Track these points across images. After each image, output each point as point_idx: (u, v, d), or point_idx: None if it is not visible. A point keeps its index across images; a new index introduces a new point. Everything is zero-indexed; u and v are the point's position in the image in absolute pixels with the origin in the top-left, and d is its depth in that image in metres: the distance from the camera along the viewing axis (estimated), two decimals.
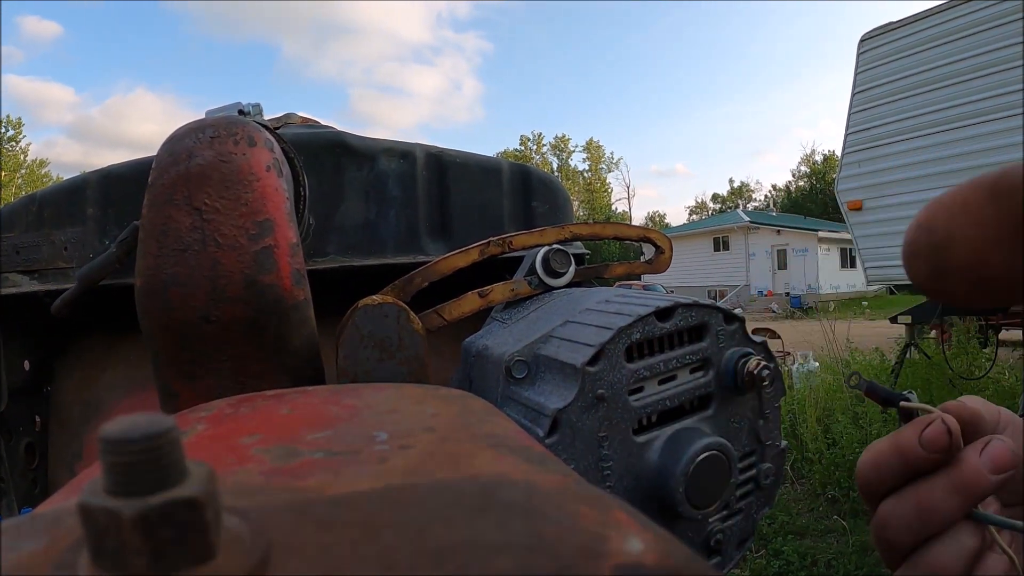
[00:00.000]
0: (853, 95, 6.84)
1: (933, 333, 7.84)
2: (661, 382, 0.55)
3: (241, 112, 0.81)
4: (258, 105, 0.86)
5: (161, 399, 0.53)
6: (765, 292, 32.18)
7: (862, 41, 6.74)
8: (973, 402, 0.48)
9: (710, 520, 0.56)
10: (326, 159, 0.91)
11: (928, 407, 0.47)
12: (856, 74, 6.80)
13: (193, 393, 0.51)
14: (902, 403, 0.49)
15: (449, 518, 0.17)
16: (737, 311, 0.59)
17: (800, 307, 25.77)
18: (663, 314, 0.55)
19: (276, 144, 0.55)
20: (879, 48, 6.57)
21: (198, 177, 0.50)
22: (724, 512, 0.57)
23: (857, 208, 6.84)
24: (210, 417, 0.33)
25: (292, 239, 0.52)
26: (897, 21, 6.48)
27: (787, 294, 29.78)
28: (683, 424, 0.55)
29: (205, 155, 0.50)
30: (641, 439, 0.53)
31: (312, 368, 0.54)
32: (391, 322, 0.56)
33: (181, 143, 0.52)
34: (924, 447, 0.45)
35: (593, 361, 0.51)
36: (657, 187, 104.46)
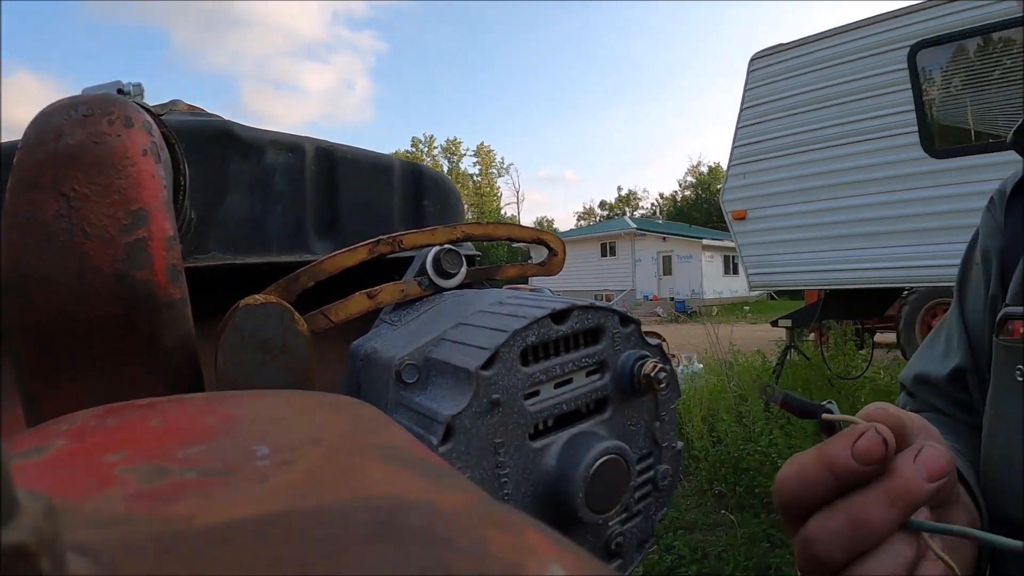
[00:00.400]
0: (741, 110, 7.17)
1: (812, 336, 8.31)
2: (557, 386, 0.54)
3: (120, 91, 0.75)
4: (139, 85, 0.80)
5: (24, 408, 0.48)
6: (650, 297, 33.09)
7: (753, 60, 7.09)
8: (884, 408, 0.47)
9: (610, 524, 0.56)
10: (211, 149, 0.85)
11: (852, 418, 0.46)
12: (745, 90, 7.13)
13: (58, 401, 0.45)
14: (824, 415, 0.47)
15: (340, 551, 0.15)
16: None
17: (684, 311, 26.63)
18: (559, 316, 0.53)
19: (155, 127, 0.51)
20: (769, 67, 6.95)
21: (67, 159, 0.45)
22: (624, 515, 0.57)
23: (741, 217, 7.16)
24: (72, 431, 0.29)
25: (168, 231, 0.47)
26: (787, 43, 6.91)
27: (672, 299, 30.70)
28: (580, 428, 0.54)
29: (76, 135, 0.45)
30: (538, 444, 0.52)
31: (189, 373, 0.49)
32: (274, 323, 0.53)
33: (50, 121, 0.46)
34: (858, 460, 0.43)
35: (487, 365, 0.49)
36: (546, 192, 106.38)
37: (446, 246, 0.71)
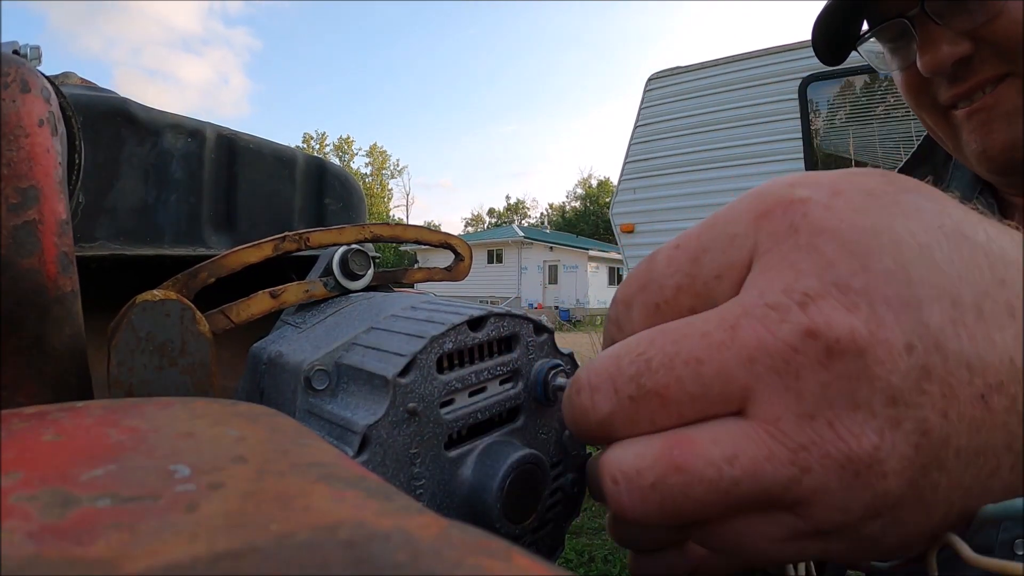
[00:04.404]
0: (635, 127, 7.39)
1: None
2: (471, 394, 0.52)
3: (16, 53, 0.68)
4: (37, 48, 0.72)
5: None
6: (535, 305, 33.52)
7: (650, 80, 7.32)
8: None
9: (524, 533, 0.54)
10: (104, 128, 0.77)
11: None
12: (641, 109, 7.36)
13: None
14: None
15: None
16: None
17: (568, 320, 27.06)
18: (475, 323, 0.52)
19: (54, 96, 0.44)
20: (665, 88, 7.22)
21: None
22: (536, 524, 0.55)
23: (629, 231, 7.36)
24: None
25: (61, 215, 0.42)
26: (684, 66, 7.19)
27: (556, 307, 31.15)
28: (495, 437, 0.53)
29: None
30: (453, 454, 0.50)
31: (78, 377, 0.44)
32: (174, 322, 0.48)
33: None
34: None
35: (405, 372, 0.47)
36: (424, 198, 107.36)
37: (353, 246, 0.68)
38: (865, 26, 0.90)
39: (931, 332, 0.27)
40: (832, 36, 0.92)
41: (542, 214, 73.25)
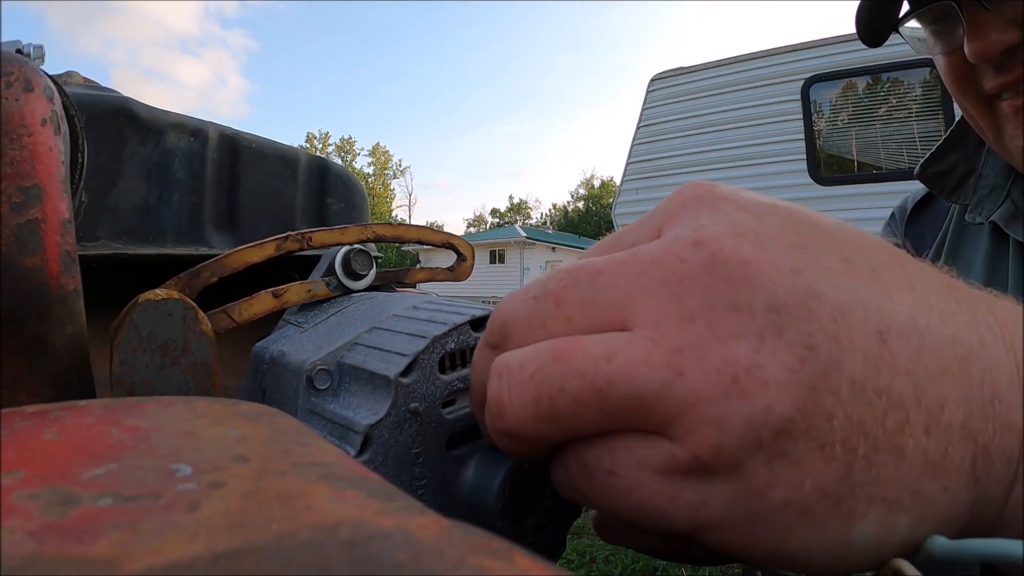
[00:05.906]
0: (638, 128, 7.37)
1: None
2: None
3: (19, 52, 0.68)
4: (40, 47, 0.72)
5: None
6: None
7: (653, 80, 7.31)
8: None
9: (526, 534, 0.54)
10: (107, 127, 0.77)
11: None
12: (643, 109, 7.35)
13: None
14: None
15: None
16: None
17: None
18: (477, 323, 0.52)
19: (57, 95, 0.44)
20: (668, 89, 7.20)
21: None
22: (537, 524, 0.55)
23: None
24: None
25: (64, 214, 0.42)
26: (687, 67, 7.19)
27: None
28: None
29: None
30: (454, 454, 0.50)
31: (79, 376, 0.44)
32: (176, 322, 0.48)
33: None
34: None
35: (407, 372, 0.47)
36: (426, 199, 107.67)
37: (356, 246, 0.68)
38: (906, 6, 0.88)
39: (820, 267, 0.28)
40: (875, 15, 0.91)
41: (544, 214, 73.29)
